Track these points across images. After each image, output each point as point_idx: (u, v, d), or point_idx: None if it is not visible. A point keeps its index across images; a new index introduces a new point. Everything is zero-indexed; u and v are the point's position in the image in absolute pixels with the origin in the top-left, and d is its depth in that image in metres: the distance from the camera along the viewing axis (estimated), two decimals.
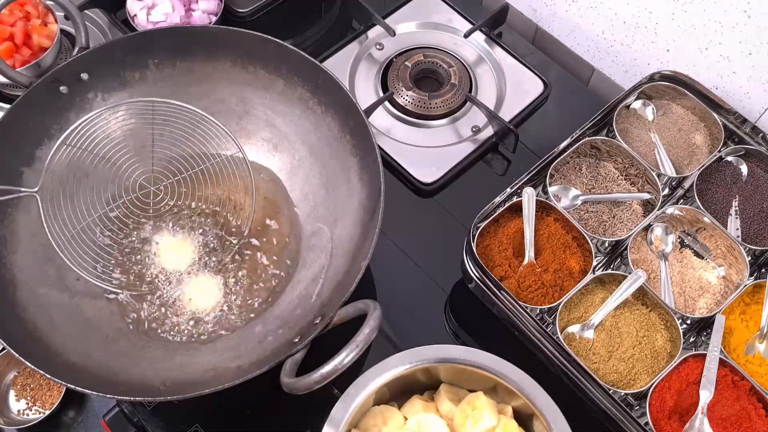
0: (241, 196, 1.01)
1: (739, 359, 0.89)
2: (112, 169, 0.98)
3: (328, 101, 0.97)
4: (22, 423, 0.96)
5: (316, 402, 0.80)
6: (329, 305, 0.84)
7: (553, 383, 0.79)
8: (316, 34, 1.25)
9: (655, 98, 1.08)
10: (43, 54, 1.04)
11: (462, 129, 1.13)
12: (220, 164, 1.01)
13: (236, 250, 0.98)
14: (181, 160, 0.99)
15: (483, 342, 0.97)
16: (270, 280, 0.96)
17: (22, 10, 1.08)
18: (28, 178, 0.93)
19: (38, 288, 0.89)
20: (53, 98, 0.95)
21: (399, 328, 0.98)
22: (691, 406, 0.84)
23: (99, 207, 0.96)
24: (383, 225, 0.85)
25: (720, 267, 0.96)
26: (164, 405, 0.91)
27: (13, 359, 0.99)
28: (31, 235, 0.92)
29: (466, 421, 0.78)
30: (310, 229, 0.98)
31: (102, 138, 0.96)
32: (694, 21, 1.02)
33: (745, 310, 0.93)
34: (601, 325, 0.90)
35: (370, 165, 0.91)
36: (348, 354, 0.72)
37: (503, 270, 0.93)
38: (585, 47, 1.21)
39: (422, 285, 1.01)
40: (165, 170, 1.00)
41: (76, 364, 0.83)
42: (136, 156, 0.99)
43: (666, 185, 1.00)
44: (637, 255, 0.96)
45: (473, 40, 1.21)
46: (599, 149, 1.03)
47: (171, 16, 1.16)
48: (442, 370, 0.81)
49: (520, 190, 0.96)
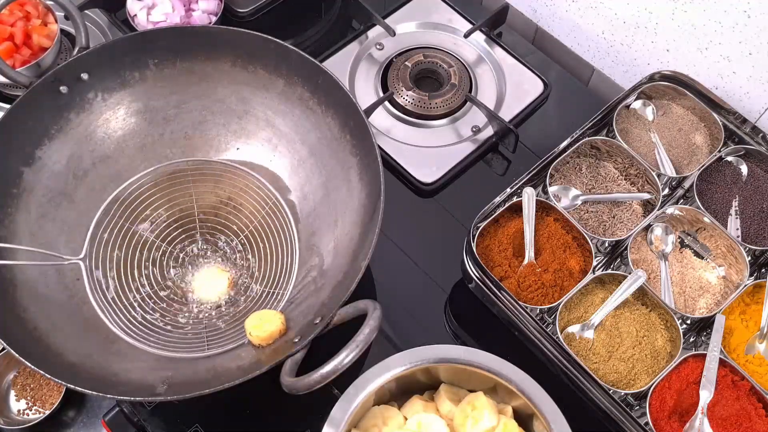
0: (242, 195, 1.01)
1: (739, 359, 0.89)
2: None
3: (328, 101, 0.97)
4: (22, 423, 0.96)
5: (316, 402, 0.80)
6: (329, 305, 0.84)
7: (553, 383, 0.79)
8: (316, 34, 1.25)
9: (655, 98, 1.08)
10: (43, 54, 1.04)
11: (462, 129, 1.13)
12: (220, 164, 1.01)
13: (236, 251, 0.98)
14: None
15: (483, 342, 0.97)
16: (269, 280, 0.96)
17: (22, 10, 1.08)
18: (29, 180, 0.93)
19: (38, 288, 0.89)
20: (53, 98, 0.95)
21: (399, 328, 0.98)
22: (691, 406, 0.84)
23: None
24: (383, 225, 0.85)
25: (720, 267, 0.96)
26: (164, 405, 0.91)
27: (13, 359, 0.99)
28: (31, 235, 0.92)
29: (466, 421, 0.78)
30: (310, 229, 0.98)
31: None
32: (694, 21, 1.02)
33: (745, 310, 0.93)
34: (601, 325, 0.90)
35: (370, 165, 0.91)
36: (348, 354, 0.72)
37: (503, 270, 0.93)
38: (585, 47, 1.21)
39: (422, 285, 1.01)
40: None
41: (76, 364, 0.83)
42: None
43: (666, 185, 1.00)
44: (637, 255, 0.96)
45: (473, 40, 1.21)
46: (599, 149, 1.03)
47: (171, 16, 1.16)
48: (442, 370, 0.81)
49: (520, 190, 0.96)
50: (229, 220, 1.00)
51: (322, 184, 0.99)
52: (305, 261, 0.96)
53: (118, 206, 0.98)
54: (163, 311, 0.93)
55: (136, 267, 0.96)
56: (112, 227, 0.97)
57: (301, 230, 0.99)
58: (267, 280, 0.96)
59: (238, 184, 1.01)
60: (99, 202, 0.98)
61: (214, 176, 1.02)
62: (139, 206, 0.99)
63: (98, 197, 0.98)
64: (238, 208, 1.00)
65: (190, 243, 0.98)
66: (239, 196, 1.01)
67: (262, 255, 0.97)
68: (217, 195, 1.01)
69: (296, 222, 0.99)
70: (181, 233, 0.99)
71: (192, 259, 0.97)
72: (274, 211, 1.00)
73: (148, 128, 1.02)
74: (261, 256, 0.97)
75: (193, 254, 0.97)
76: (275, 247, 0.98)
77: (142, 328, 0.91)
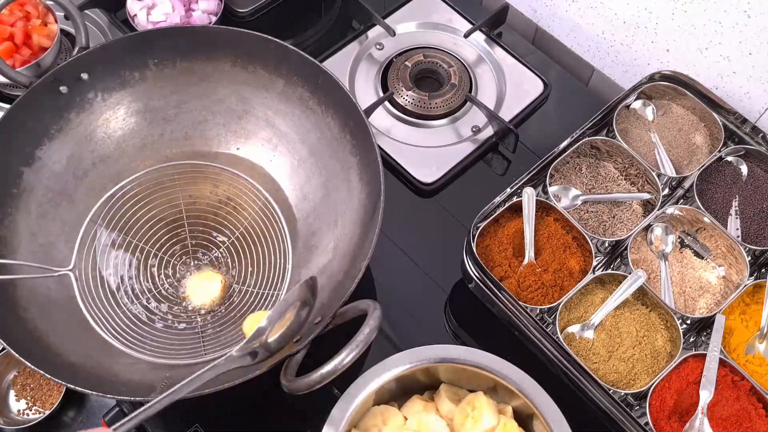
0: (240, 196, 1.01)
1: (739, 359, 0.89)
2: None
3: (328, 101, 0.97)
4: (22, 423, 0.96)
5: (316, 402, 0.80)
6: (329, 305, 0.84)
7: (553, 383, 0.79)
8: (316, 34, 1.25)
9: (655, 98, 1.08)
10: (43, 54, 1.04)
11: (462, 129, 1.13)
12: (220, 164, 1.01)
13: (236, 251, 0.98)
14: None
15: (483, 342, 0.97)
16: (270, 280, 0.96)
17: (22, 10, 1.08)
18: (29, 180, 0.93)
19: (38, 288, 0.89)
20: (53, 98, 0.95)
21: (399, 328, 0.98)
22: (691, 406, 0.84)
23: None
24: (383, 225, 0.85)
25: (720, 267, 0.96)
26: None
27: (13, 359, 0.99)
28: (31, 235, 0.92)
29: (466, 421, 0.78)
30: (310, 229, 0.98)
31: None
32: (694, 21, 1.02)
33: (745, 310, 0.93)
34: (601, 325, 0.90)
35: (370, 165, 0.91)
36: (348, 354, 0.72)
37: (503, 270, 0.93)
38: (585, 47, 1.21)
39: (422, 285, 1.01)
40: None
41: (76, 364, 0.83)
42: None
43: (666, 185, 1.00)
44: (637, 255, 0.96)
45: (473, 40, 1.21)
46: (599, 149, 1.03)
47: (171, 16, 1.16)
48: (442, 370, 0.81)
49: (520, 190, 0.96)
50: (228, 221, 1.00)
51: (322, 184, 0.99)
52: (305, 261, 0.96)
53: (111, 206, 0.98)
54: (159, 317, 0.93)
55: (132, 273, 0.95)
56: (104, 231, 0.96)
57: (300, 230, 0.98)
58: (267, 281, 0.96)
59: (238, 184, 1.01)
60: (99, 202, 0.98)
61: (214, 176, 1.02)
62: (135, 206, 0.98)
63: (98, 197, 0.98)
64: (238, 209, 1.00)
65: (185, 245, 0.98)
66: (238, 196, 1.01)
67: (257, 256, 0.97)
68: (217, 195, 1.01)
69: (296, 222, 0.99)
70: (175, 235, 0.98)
71: (186, 262, 0.97)
72: (274, 211, 1.00)
73: (148, 128, 1.02)
74: (261, 256, 0.97)
75: (188, 257, 0.97)
76: (275, 247, 0.98)
77: (137, 337, 0.90)
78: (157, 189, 1.00)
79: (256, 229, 0.99)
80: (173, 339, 0.91)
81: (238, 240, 0.98)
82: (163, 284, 0.95)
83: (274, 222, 0.99)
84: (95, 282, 0.93)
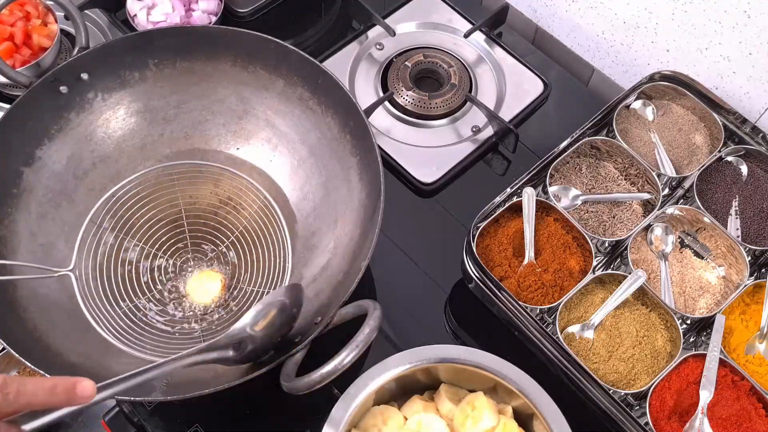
0: (240, 196, 1.01)
1: (739, 359, 0.89)
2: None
3: (328, 101, 0.97)
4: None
5: (316, 402, 0.80)
6: (329, 305, 0.84)
7: (553, 383, 0.79)
8: (316, 34, 1.25)
9: (655, 98, 1.08)
10: (43, 54, 1.04)
11: (462, 129, 1.13)
12: (219, 164, 1.01)
13: (236, 251, 0.98)
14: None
15: (483, 342, 0.97)
16: (270, 280, 0.96)
17: (22, 10, 1.08)
18: (29, 180, 0.93)
19: (38, 288, 0.89)
20: (53, 98, 0.95)
21: (399, 328, 0.98)
22: (691, 406, 0.84)
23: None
24: (383, 225, 0.85)
25: (720, 267, 0.96)
26: (164, 405, 0.91)
27: (13, 359, 0.99)
28: (31, 235, 0.92)
29: (466, 421, 0.78)
30: (310, 229, 0.98)
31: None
32: (694, 21, 1.02)
33: (745, 310, 0.93)
34: (601, 325, 0.90)
35: (370, 165, 0.91)
36: (348, 354, 0.72)
37: (503, 270, 0.93)
38: (585, 47, 1.21)
39: (422, 285, 1.01)
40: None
41: (76, 364, 0.83)
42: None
43: (666, 185, 1.00)
44: (637, 255, 0.96)
45: (473, 40, 1.21)
46: (599, 149, 1.03)
47: (171, 16, 1.16)
48: (442, 370, 0.81)
49: (520, 190, 0.96)
50: (228, 221, 1.00)
51: (322, 184, 0.99)
52: (305, 261, 0.96)
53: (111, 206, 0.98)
54: (159, 317, 0.93)
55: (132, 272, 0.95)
56: (104, 231, 0.96)
57: (300, 230, 0.98)
58: (262, 281, 0.96)
59: (238, 184, 1.01)
60: (99, 202, 0.98)
61: (214, 176, 1.02)
62: (135, 206, 0.98)
63: (98, 197, 0.98)
64: (237, 209, 1.00)
65: (185, 245, 0.98)
66: (238, 196, 1.01)
67: (257, 256, 0.97)
68: (217, 195, 1.01)
69: (296, 222, 0.99)
70: (175, 235, 0.98)
71: (186, 262, 0.97)
72: (274, 211, 1.00)
73: (148, 128, 1.02)
74: (260, 256, 0.97)
75: (188, 257, 0.97)
76: (274, 247, 0.98)
77: (137, 337, 0.90)
78: (157, 189, 1.00)
79: (256, 229, 0.99)
80: (173, 339, 0.91)
81: (238, 240, 0.98)
82: (164, 284, 0.95)
83: (274, 222, 0.99)
84: (95, 282, 0.93)
